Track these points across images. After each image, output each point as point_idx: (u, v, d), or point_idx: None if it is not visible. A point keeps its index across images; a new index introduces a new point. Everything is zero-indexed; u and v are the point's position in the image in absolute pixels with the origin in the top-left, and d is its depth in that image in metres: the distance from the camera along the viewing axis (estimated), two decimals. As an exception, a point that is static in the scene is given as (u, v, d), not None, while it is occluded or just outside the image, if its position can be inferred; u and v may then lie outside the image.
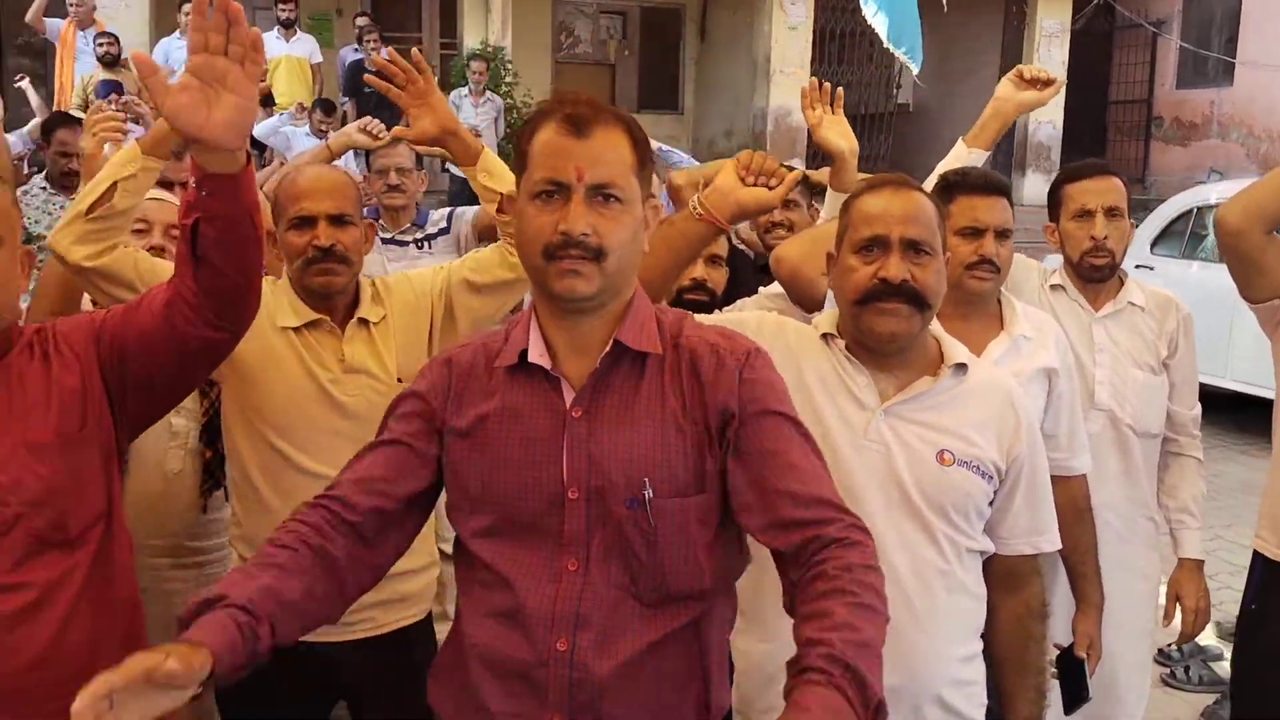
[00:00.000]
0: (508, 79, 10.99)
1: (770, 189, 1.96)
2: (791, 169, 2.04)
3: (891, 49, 6.20)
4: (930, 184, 2.63)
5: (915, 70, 6.23)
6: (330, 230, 2.12)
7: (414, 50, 2.23)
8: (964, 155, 2.69)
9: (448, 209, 4.02)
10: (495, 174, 2.27)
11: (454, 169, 8.84)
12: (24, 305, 1.95)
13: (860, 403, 1.86)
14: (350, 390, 2.14)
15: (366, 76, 2.43)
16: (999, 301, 2.41)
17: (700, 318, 1.71)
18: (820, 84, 2.53)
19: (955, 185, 2.38)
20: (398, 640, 2.19)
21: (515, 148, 1.53)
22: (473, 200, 3.86)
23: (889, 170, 2.63)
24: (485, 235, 3.86)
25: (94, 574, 1.68)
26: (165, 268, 2.05)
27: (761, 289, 2.45)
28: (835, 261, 1.91)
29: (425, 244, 3.83)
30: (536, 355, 1.51)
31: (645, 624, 1.47)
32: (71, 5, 8.09)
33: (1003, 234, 2.34)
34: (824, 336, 1.92)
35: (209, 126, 1.50)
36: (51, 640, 1.62)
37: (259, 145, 8.21)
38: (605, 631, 1.46)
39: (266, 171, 5.49)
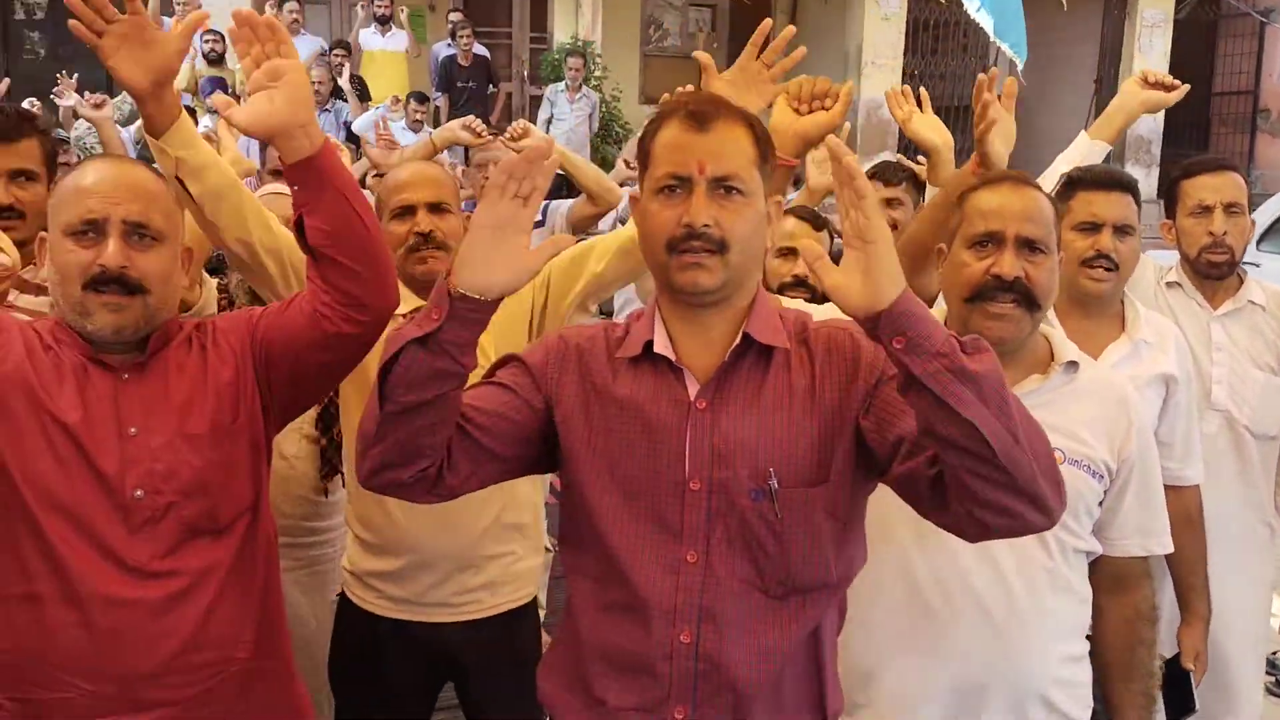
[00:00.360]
0: (596, 73, 11.04)
1: (827, 109, 1.96)
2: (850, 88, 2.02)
3: (998, 43, 6.10)
4: (1048, 176, 2.61)
5: (1021, 63, 6.11)
6: (429, 217, 2.17)
7: None
8: (1085, 146, 2.66)
9: (545, 202, 4.07)
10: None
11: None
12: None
13: None
14: None
15: None
16: (1121, 302, 2.37)
17: (809, 308, 1.71)
18: (905, 88, 2.51)
19: (1077, 181, 2.35)
20: (503, 623, 2.24)
21: (638, 148, 1.55)
22: (567, 194, 3.93)
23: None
24: (579, 227, 3.91)
25: (239, 562, 1.74)
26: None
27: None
28: (946, 256, 1.91)
29: (521, 237, 3.89)
30: (661, 346, 1.52)
31: (770, 617, 1.48)
32: (179, 4, 8.34)
33: (1123, 230, 2.30)
34: None
35: (274, 114, 1.62)
36: (197, 626, 1.68)
37: (357, 140, 8.39)
38: (730, 624, 1.47)
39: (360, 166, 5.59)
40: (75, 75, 6.43)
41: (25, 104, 6.98)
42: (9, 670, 1.63)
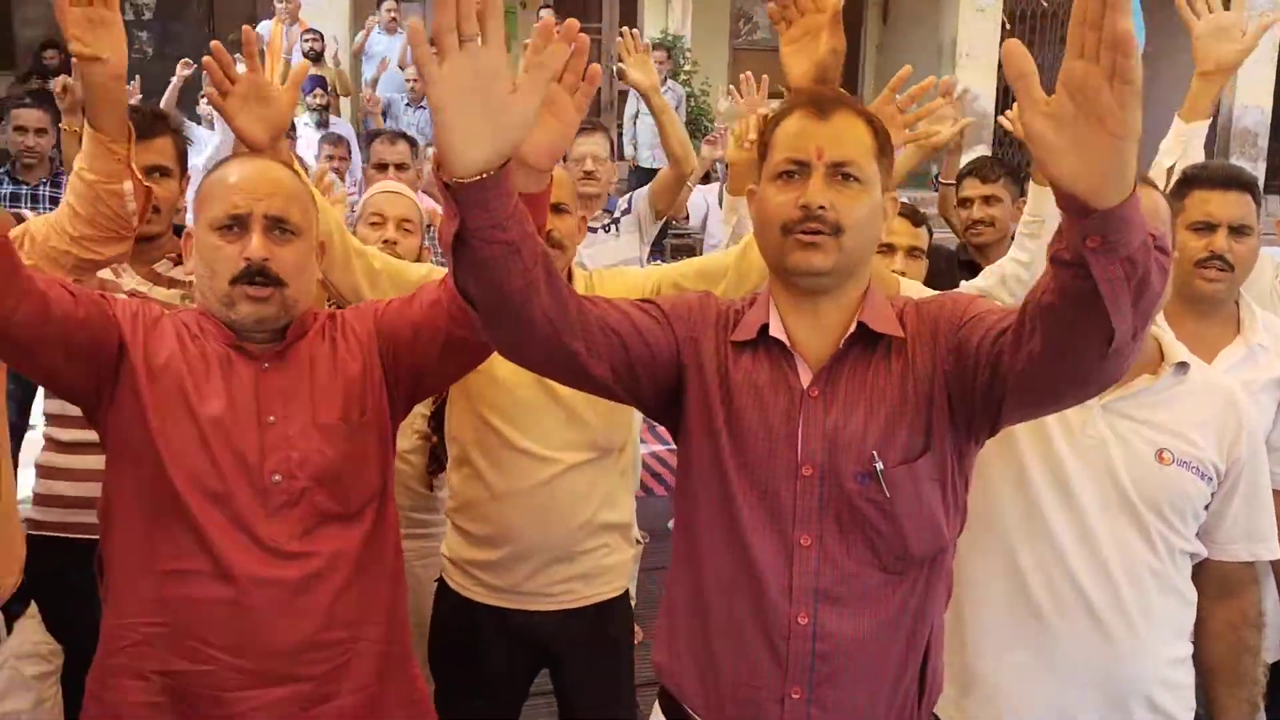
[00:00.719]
0: (686, 67, 11.04)
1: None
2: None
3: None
4: (1156, 170, 2.56)
5: (1140, 48, 5.95)
6: (550, 217, 2.21)
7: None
8: (1183, 130, 2.59)
9: (631, 192, 4.13)
10: None
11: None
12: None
13: None
14: None
15: None
16: (1236, 304, 2.32)
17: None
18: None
19: (1192, 179, 2.30)
20: (596, 613, 2.28)
21: (758, 141, 1.60)
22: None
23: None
24: (661, 201, 3.93)
25: (368, 548, 1.80)
26: (410, 271, 2.21)
27: (964, 283, 2.43)
28: None
29: (612, 228, 3.96)
30: (776, 330, 1.55)
31: (887, 593, 1.50)
32: (281, 3, 8.55)
33: (1239, 230, 2.24)
34: None
35: (530, 147, 1.48)
36: (330, 606, 1.75)
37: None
38: (847, 605, 1.49)
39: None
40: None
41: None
42: (158, 642, 1.71)
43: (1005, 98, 11.74)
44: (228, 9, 12.13)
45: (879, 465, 1.48)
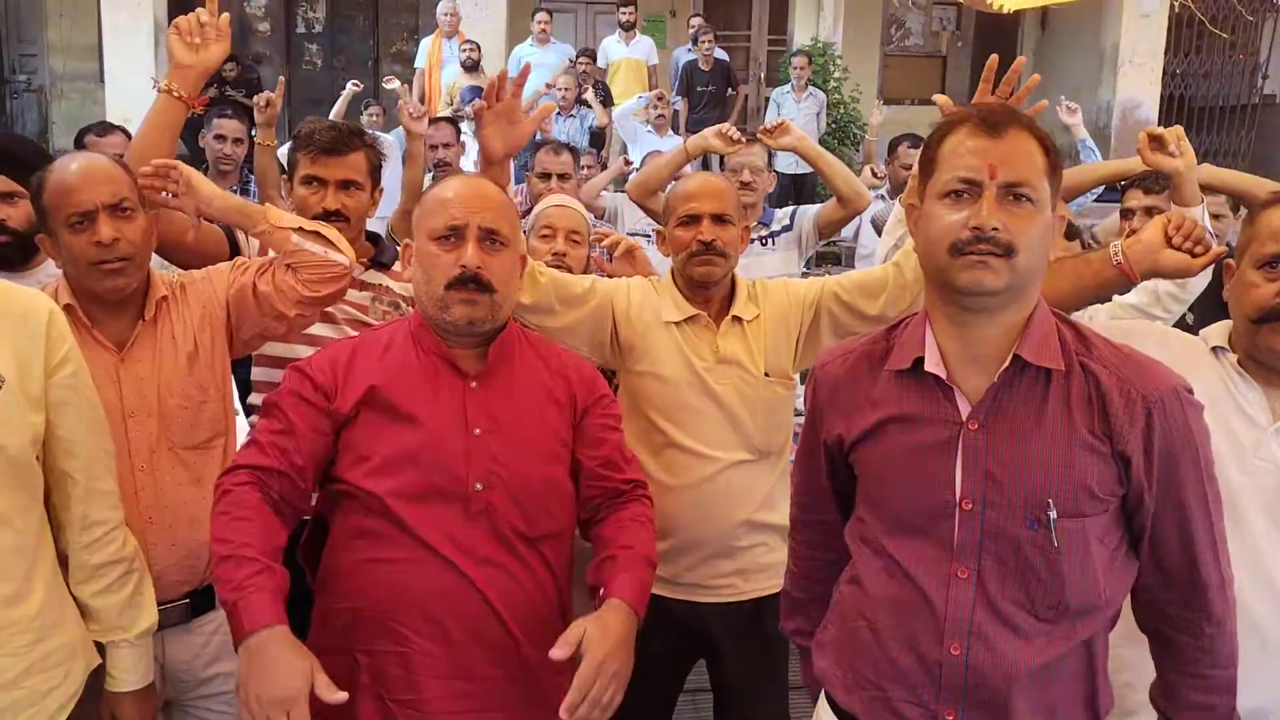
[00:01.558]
0: (836, 74, 10.96)
1: (1194, 256, 1.95)
2: (1225, 253, 1.99)
3: None
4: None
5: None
6: (713, 227, 2.33)
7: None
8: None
9: (791, 207, 4.15)
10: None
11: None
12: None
13: (1251, 420, 1.81)
14: (722, 379, 2.33)
15: None
16: None
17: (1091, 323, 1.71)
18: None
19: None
20: (754, 609, 2.37)
21: (921, 155, 1.57)
22: (795, 200, 3.96)
23: (1247, 169, 2.51)
24: (825, 232, 3.95)
25: (547, 567, 1.93)
26: (574, 282, 2.35)
27: (1116, 297, 2.40)
28: (1234, 273, 1.87)
29: (769, 240, 3.98)
30: (933, 364, 1.53)
31: (1040, 638, 1.49)
32: (445, 16, 8.85)
33: None
34: (1214, 350, 1.88)
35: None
36: (515, 613, 1.87)
37: (599, 145, 8.68)
38: (1000, 641, 1.49)
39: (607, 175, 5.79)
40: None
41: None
42: (365, 624, 1.86)
43: (1168, 107, 11.32)
44: (392, 23, 12.63)
45: (1053, 514, 1.46)
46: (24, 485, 1.71)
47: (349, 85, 7.15)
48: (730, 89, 10.34)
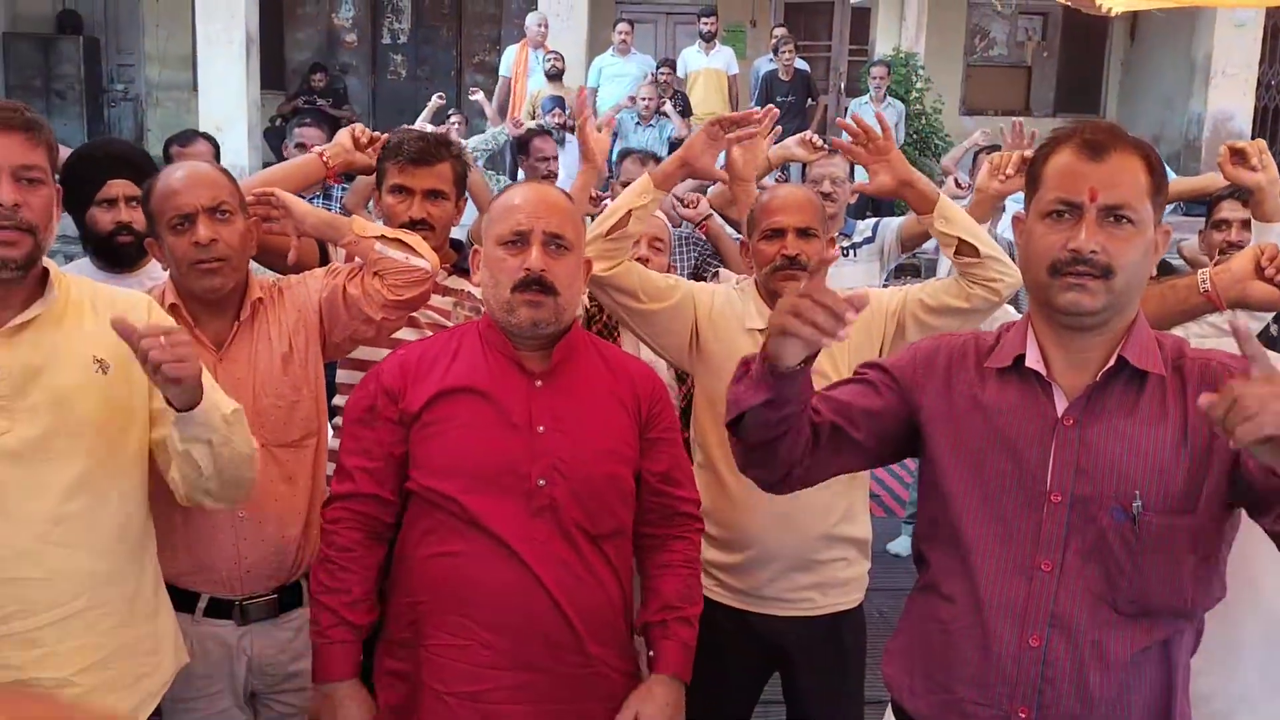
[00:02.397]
0: (919, 84, 10.85)
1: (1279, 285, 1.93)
2: None
3: None
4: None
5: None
6: (798, 241, 2.34)
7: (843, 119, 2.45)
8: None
9: (874, 219, 4.11)
10: (953, 220, 2.34)
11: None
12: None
13: None
14: None
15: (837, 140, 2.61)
16: None
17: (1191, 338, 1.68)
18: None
19: None
20: (831, 623, 2.36)
21: (1027, 171, 1.60)
22: (874, 211, 3.93)
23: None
24: (909, 245, 3.91)
25: (608, 568, 1.97)
26: (658, 278, 2.39)
27: (1205, 317, 2.35)
28: None
29: (850, 252, 3.95)
30: (1033, 361, 1.56)
31: (1120, 633, 1.50)
32: (537, 27, 8.95)
33: None
34: None
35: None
36: (577, 614, 1.91)
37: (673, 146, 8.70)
38: (1080, 634, 1.50)
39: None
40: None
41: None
42: (431, 617, 1.91)
43: (1262, 119, 11.01)
44: (474, 34, 12.83)
45: (1138, 504, 1.47)
46: (126, 469, 1.81)
47: (434, 98, 7.27)
48: (810, 99, 10.31)
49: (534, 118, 8.05)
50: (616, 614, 1.97)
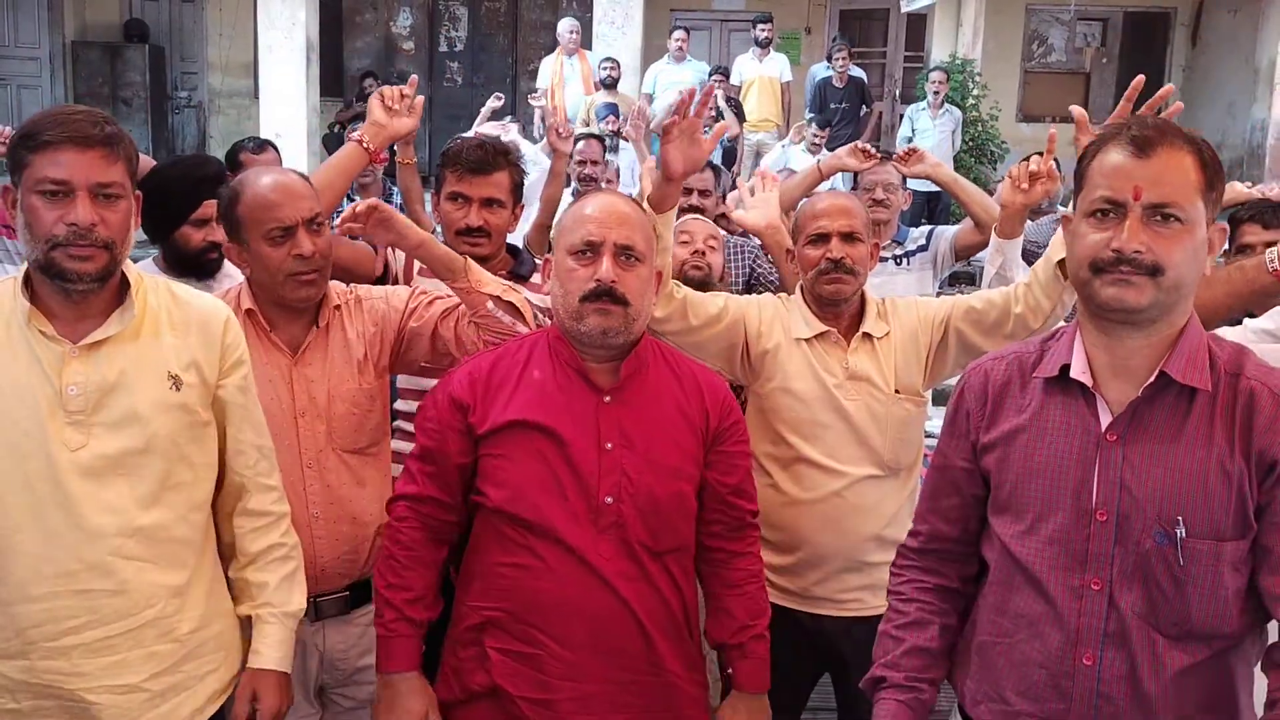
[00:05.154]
0: (975, 91, 10.76)
1: None
2: None
3: None
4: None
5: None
6: (842, 245, 2.36)
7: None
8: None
9: (928, 227, 4.10)
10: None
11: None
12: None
13: None
14: (852, 395, 2.35)
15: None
16: None
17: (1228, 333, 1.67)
18: None
19: None
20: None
21: (1075, 170, 1.55)
22: (928, 218, 3.90)
23: None
24: (963, 254, 3.90)
25: (672, 583, 1.98)
26: (708, 302, 2.40)
27: (1246, 320, 2.33)
28: None
29: (903, 260, 3.94)
30: (1079, 371, 1.54)
31: (1169, 653, 1.48)
32: (570, 34, 8.99)
33: None
34: None
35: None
36: (641, 626, 1.93)
37: (731, 161, 8.71)
38: (1133, 654, 1.48)
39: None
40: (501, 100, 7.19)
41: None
42: (500, 625, 1.94)
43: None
44: (530, 41, 12.94)
45: (1180, 532, 1.44)
46: (196, 481, 1.86)
47: (491, 99, 7.31)
48: (865, 106, 10.26)
49: (587, 124, 8.11)
50: (681, 625, 1.99)
